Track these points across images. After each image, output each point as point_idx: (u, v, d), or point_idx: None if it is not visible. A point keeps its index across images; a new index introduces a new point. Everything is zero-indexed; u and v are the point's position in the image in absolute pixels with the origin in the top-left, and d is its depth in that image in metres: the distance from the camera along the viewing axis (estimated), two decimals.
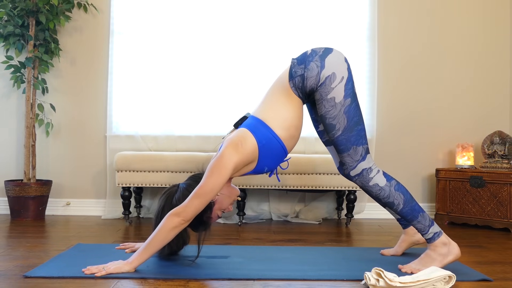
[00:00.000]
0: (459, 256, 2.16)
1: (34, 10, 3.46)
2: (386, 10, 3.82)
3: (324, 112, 2.13)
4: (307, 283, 1.98)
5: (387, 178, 2.18)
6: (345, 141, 2.14)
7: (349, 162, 2.18)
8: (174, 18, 3.74)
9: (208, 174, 2.05)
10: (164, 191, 2.27)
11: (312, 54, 2.16)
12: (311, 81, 2.12)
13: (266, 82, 3.71)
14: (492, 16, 3.88)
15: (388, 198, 2.17)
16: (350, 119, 2.13)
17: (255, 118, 2.19)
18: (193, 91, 3.74)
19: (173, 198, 2.19)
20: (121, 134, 3.73)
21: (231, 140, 2.11)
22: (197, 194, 2.02)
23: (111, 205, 3.66)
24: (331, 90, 2.10)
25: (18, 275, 2.01)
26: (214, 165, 2.05)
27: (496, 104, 3.88)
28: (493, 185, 3.30)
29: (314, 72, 2.11)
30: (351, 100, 2.13)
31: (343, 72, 2.12)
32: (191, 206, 2.01)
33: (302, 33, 3.74)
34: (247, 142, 2.10)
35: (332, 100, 2.11)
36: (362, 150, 2.16)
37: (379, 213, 3.75)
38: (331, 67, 2.11)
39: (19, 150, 3.75)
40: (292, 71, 2.16)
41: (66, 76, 3.78)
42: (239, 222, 3.37)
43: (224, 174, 2.04)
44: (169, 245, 2.14)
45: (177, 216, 2.01)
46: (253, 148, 2.10)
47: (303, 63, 2.15)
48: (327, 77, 2.10)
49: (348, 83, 2.12)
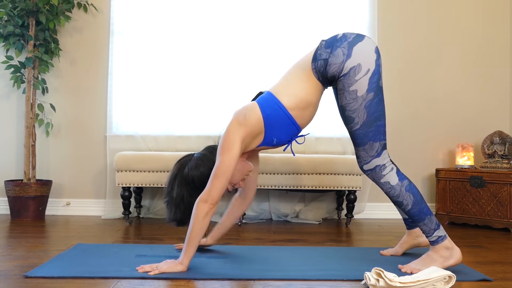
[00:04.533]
0: (460, 261, 2.15)
1: (34, 10, 3.46)
2: (386, 9, 3.82)
3: (345, 104, 2.10)
4: (307, 283, 1.98)
5: (399, 177, 2.16)
6: (362, 135, 2.11)
7: (364, 156, 2.16)
8: (174, 18, 3.74)
9: (220, 153, 2.07)
10: (179, 160, 2.28)
11: (342, 39, 2.09)
12: (334, 68, 2.06)
13: (266, 82, 3.71)
14: (492, 16, 3.88)
15: (397, 197, 2.16)
16: (371, 114, 2.08)
17: (268, 92, 2.22)
18: (193, 91, 3.74)
19: (186, 166, 2.20)
20: (121, 134, 3.73)
21: (236, 114, 2.14)
22: (216, 175, 2.04)
23: (111, 205, 3.66)
24: (354, 82, 2.04)
25: (18, 275, 2.01)
26: (223, 143, 2.08)
27: (496, 104, 3.88)
28: (493, 185, 3.30)
29: (339, 59, 2.05)
30: (374, 95, 2.06)
31: (369, 64, 2.04)
32: (214, 189, 2.04)
33: (302, 32, 3.74)
34: (251, 113, 2.12)
35: (354, 93, 2.05)
36: (378, 146, 2.13)
37: (379, 213, 3.76)
38: (357, 57, 2.04)
39: (19, 150, 3.75)
40: (318, 53, 2.11)
41: (66, 76, 3.78)
42: (239, 222, 3.37)
43: (234, 150, 2.05)
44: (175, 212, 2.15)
45: (204, 203, 2.04)
46: (257, 119, 2.11)
47: (330, 47, 2.09)
48: (352, 68, 2.03)
49: (373, 76, 2.05)
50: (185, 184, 2.20)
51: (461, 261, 2.16)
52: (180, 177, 2.19)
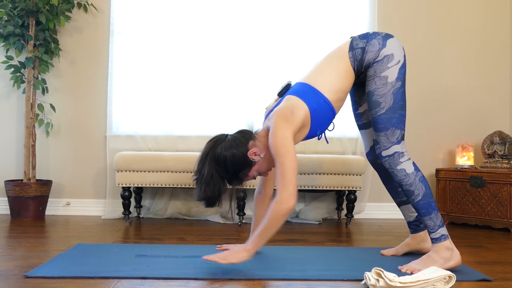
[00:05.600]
0: (460, 264, 2.16)
1: (34, 10, 3.46)
2: (386, 9, 3.82)
3: (374, 89, 2.20)
4: (307, 283, 1.98)
5: (415, 167, 2.21)
6: (386, 120, 2.20)
7: (384, 142, 2.21)
8: (174, 18, 3.74)
9: (277, 155, 2.08)
10: (212, 138, 2.26)
11: (375, 33, 2.27)
12: (371, 55, 2.20)
13: (265, 82, 3.72)
14: (492, 16, 3.88)
15: (410, 186, 2.19)
16: (397, 102, 2.20)
17: (302, 83, 2.26)
18: (193, 91, 3.74)
19: (218, 146, 2.18)
20: (121, 134, 3.73)
21: (280, 112, 2.15)
22: (286, 176, 2.05)
23: (111, 205, 3.66)
24: (386, 69, 2.19)
25: (18, 275, 2.01)
26: (275, 143, 2.08)
27: (496, 104, 3.88)
28: (493, 185, 3.30)
29: (375, 47, 2.21)
30: (401, 84, 2.21)
31: (400, 57, 2.22)
32: (291, 186, 2.04)
33: (302, 33, 3.75)
34: (298, 109, 2.15)
35: (385, 79, 2.19)
36: (399, 134, 2.21)
37: (379, 213, 3.76)
38: (391, 48, 2.21)
39: (19, 150, 3.75)
40: (354, 43, 2.25)
41: (66, 76, 3.78)
42: (239, 222, 3.37)
43: (289, 147, 2.08)
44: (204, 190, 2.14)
45: (285, 203, 2.03)
46: (305, 115, 2.16)
47: (365, 38, 2.25)
48: (386, 56, 2.19)
49: (402, 68, 2.21)
50: (216, 162, 2.16)
51: (460, 264, 2.17)
52: (212, 155, 2.17)
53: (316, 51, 3.73)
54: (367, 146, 2.46)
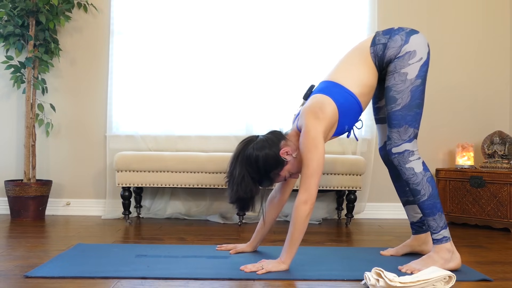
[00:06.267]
0: (459, 266, 2.16)
1: (34, 10, 3.46)
2: (386, 9, 3.81)
3: (392, 84, 2.18)
4: (307, 283, 1.98)
5: (424, 167, 2.20)
6: (400, 117, 2.18)
7: (395, 138, 2.20)
8: (174, 18, 3.74)
9: (306, 153, 2.09)
10: (244, 139, 2.26)
11: (399, 29, 2.24)
12: (392, 51, 2.18)
13: (265, 82, 3.72)
14: (492, 16, 3.88)
15: (417, 185, 2.18)
16: (414, 99, 2.18)
17: (326, 81, 2.25)
18: (193, 91, 3.73)
19: (249, 146, 2.19)
20: (121, 134, 3.73)
21: (309, 110, 2.15)
22: (310, 175, 2.07)
23: (111, 205, 3.66)
24: (407, 65, 2.16)
25: (18, 275, 2.01)
26: (306, 142, 2.09)
27: (496, 104, 3.88)
28: (493, 185, 3.30)
29: (397, 43, 2.18)
30: (420, 82, 2.19)
31: (423, 54, 2.18)
32: (311, 187, 2.07)
33: (302, 33, 3.74)
34: (326, 105, 2.15)
35: (404, 75, 2.17)
36: (412, 132, 2.20)
37: (379, 213, 3.76)
38: (414, 44, 2.18)
39: (19, 150, 3.75)
40: (376, 39, 2.23)
41: (66, 76, 3.78)
42: (239, 222, 3.37)
43: (320, 146, 2.09)
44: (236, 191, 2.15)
45: (305, 204, 2.07)
46: (333, 110, 2.16)
47: (388, 34, 2.22)
48: (408, 52, 2.17)
49: (424, 66, 2.19)
50: (247, 163, 2.15)
51: (460, 266, 2.17)
52: (243, 156, 2.16)
53: (316, 51, 3.73)
54: (381, 141, 2.45)
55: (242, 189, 2.14)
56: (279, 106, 3.71)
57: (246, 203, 2.20)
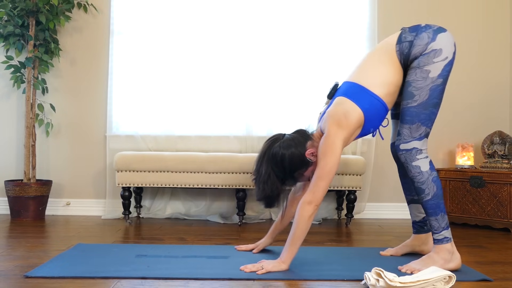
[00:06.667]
0: (459, 267, 2.16)
1: (34, 10, 3.46)
2: (386, 9, 3.82)
3: (412, 80, 2.16)
4: (307, 283, 1.98)
5: (431, 167, 2.19)
6: (414, 114, 2.16)
7: (406, 134, 2.19)
8: (174, 18, 3.74)
9: (322, 156, 2.10)
10: (269, 138, 2.29)
11: (426, 26, 2.20)
12: (418, 49, 2.15)
13: (265, 82, 3.72)
14: (492, 17, 3.88)
15: (422, 184, 2.17)
16: (431, 98, 2.16)
17: (350, 83, 2.23)
18: (193, 91, 3.73)
19: (274, 144, 2.21)
20: (121, 134, 3.73)
21: (333, 116, 2.15)
22: (320, 177, 2.08)
23: (111, 205, 3.66)
24: (431, 63, 2.14)
25: (18, 275, 2.01)
26: (325, 147, 2.10)
27: (496, 104, 3.88)
28: (493, 185, 3.30)
29: (423, 41, 2.15)
30: (442, 82, 2.17)
31: (448, 53, 2.16)
32: (319, 190, 2.08)
33: (301, 33, 3.74)
34: (351, 113, 2.14)
35: (426, 73, 2.14)
36: (423, 131, 2.18)
37: (379, 213, 3.76)
38: (441, 42, 2.15)
39: (19, 150, 3.75)
40: (402, 36, 2.20)
41: (66, 76, 3.78)
42: (239, 222, 3.37)
43: (337, 152, 2.10)
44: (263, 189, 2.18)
45: (309, 204, 2.08)
46: (358, 117, 2.15)
47: (415, 31, 2.19)
48: (433, 50, 2.14)
49: (448, 65, 2.16)
50: (273, 161, 2.19)
51: (460, 267, 2.16)
52: (269, 154, 2.19)
53: (315, 51, 3.73)
54: (395, 136, 2.43)
55: (268, 187, 2.18)
56: (279, 107, 3.71)
57: (273, 200, 2.25)
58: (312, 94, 3.69)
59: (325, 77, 3.69)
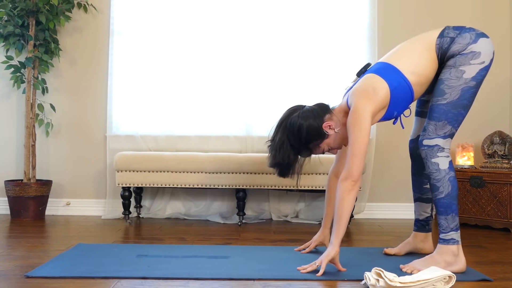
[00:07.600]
0: (463, 271, 2.13)
1: (34, 10, 3.46)
2: (386, 10, 3.82)
3: (446, 78, 2.16)
4: (307, 283, 1.98)
5: (449, 166, 2.18)
6: (443, 111, 2.16)
7: (431, 131, 2.19)
8: (174, 18, 3.74)
9: (351, 131, 2.10)
10: (290, 107, 2.30)
11: (471, 29, 2.21)
12: (457, 47, 2.15)
13: (265, 82, 3.72)
14: (492, 17, 3.88)
15: (437, 181, 2.16)
16: (462, 99, 2.16)
17: (383, 63, 2.23)
18: (193, 91, 3.73)
19: (293, 114, 2.23)
20: (121, 134, 3.73)
21: (361, 89, 2.14)
22: (353, 154, 2.08)
23: (111, 205, 3.66)
24: (467, 64, 2.13)
25: (18, 275, 2.01)
26: (353, 121, 2.09)
27: (496, 104, 3.88)
28: (493, 185, 3.30)
29: (465, 40, 2.15)
30: (474, 85, 2.17)
31: (486, 58, 2.16)
32: (354, 166, 2.07)
33: (301, 33, 3.74)
34: (378, 87, 2.14)
35: (461, 73, 2.14)
36: (449, 130, 2.19)
37: (379, 213, 3.76)
38: (481, 46, 2.15)
39: (19, 150, 3.75)
40: (445, 31, 2.20)
41: (66, 76, 3.78)
42: (239, 222, 3.37)
43: (366, 126, 2.09)
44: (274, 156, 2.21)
45: (345, 180, 2.08)
46: (385, 93, 2.14)
47: (459, 30, 2.19)
48: (472, 52, 2.14)
49: (483, 70, 2.16)
50: (289, 130, 2.20)
51: (464, 271, 2.13)
52: (286, 123, 2.21)
53: (315, 51, 3.73)
54: (414, 134, 2.44)
55: (280, 155, 2.20)
56: (279, 107, 3.69)
57: (284, 170, 2.26)
58: (312, 93, 3.68)
59: (325, 77, 3.69)
